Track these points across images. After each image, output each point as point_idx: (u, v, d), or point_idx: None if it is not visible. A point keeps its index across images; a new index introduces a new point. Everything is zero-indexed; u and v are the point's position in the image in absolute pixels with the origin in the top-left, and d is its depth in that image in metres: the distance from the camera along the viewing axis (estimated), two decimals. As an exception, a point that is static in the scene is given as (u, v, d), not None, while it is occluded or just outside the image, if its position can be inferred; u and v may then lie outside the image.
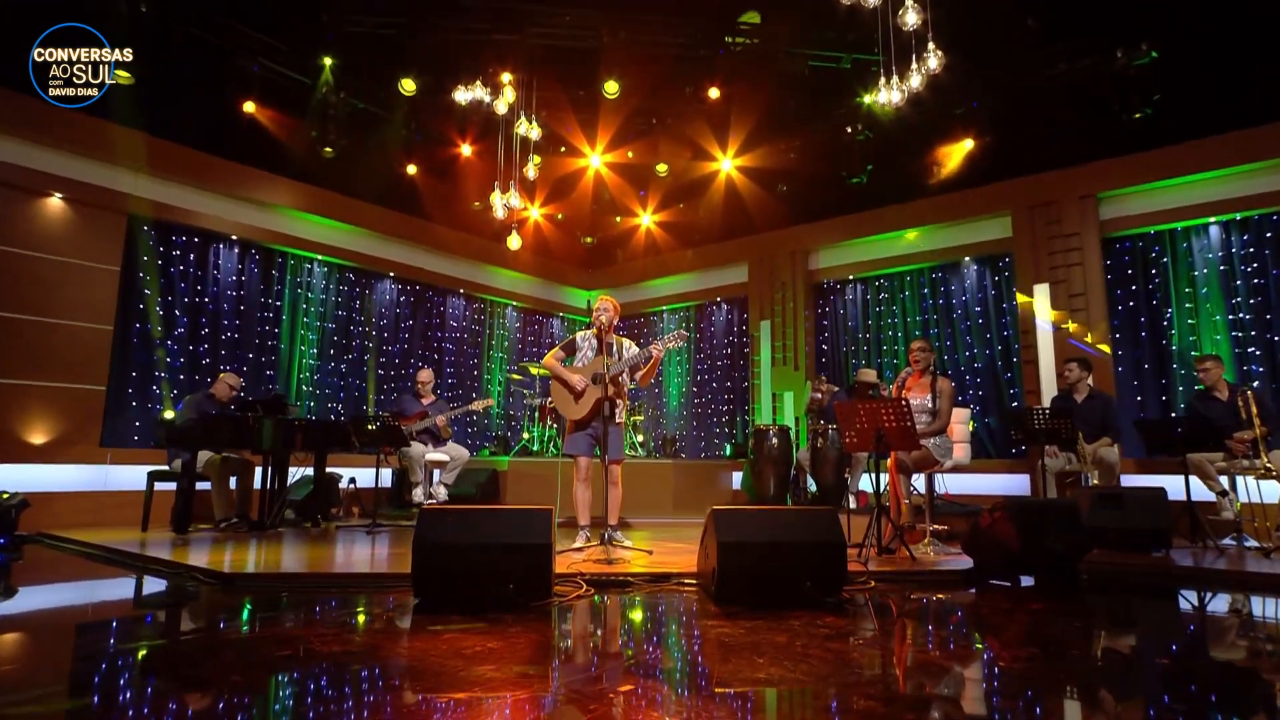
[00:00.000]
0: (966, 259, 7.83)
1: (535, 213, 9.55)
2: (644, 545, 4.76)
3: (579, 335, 4.86)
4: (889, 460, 4.59)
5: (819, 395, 6.99)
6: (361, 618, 2.92)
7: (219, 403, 5.90)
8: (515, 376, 9.36)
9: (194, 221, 6.97)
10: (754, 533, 3.27)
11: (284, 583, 3.59)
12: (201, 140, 6.89)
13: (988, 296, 7.71)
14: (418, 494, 6.48)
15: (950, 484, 6.56)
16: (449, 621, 2.80)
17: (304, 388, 7.82)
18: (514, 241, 6.87)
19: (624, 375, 4.69)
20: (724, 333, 9.73)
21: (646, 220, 9.63)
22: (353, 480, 7.20)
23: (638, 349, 4.76)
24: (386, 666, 2.25)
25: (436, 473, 6.74)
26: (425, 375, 7.04)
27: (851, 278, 8.54)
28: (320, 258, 8.06)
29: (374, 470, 6.14)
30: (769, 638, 2.56)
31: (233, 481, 5.72)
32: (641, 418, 8.70)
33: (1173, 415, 6.31)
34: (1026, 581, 3.74)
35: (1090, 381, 5.89)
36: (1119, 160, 6.78)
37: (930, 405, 4.72)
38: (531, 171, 6.14)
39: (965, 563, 4.00)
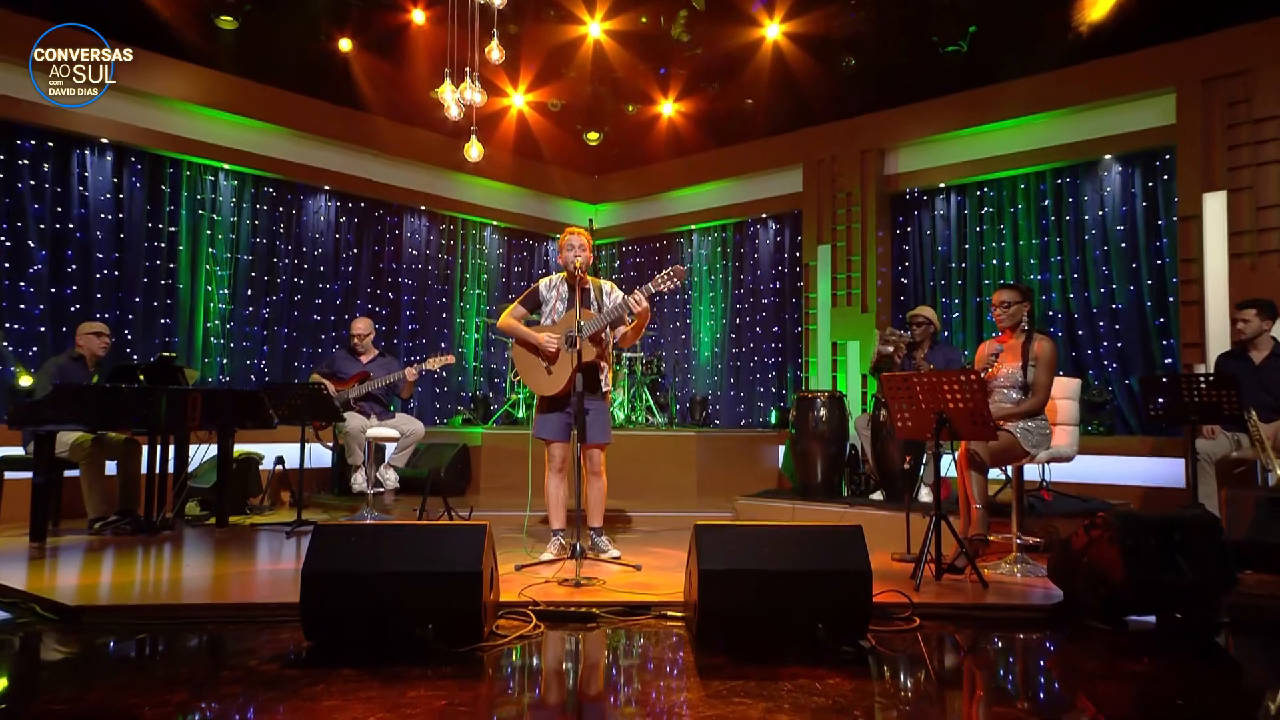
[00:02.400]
0: (1107, 157, 7.50)
1: (519, 100, 9.33)
2: (633, 557, 4.79)
3: (543, 283, 4.88)
4: (958, 450, 4.46)
5: (888, 348, 6.81)
6: (225, 672, 2.94)
7: (88, 364, 5.97)
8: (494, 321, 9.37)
9: (48, 119, 6.86)
10: (747, 556, 3.21)
11: (145, 617, 3.64)
12: (54, 10, 6.78)
13: (1135, 210, 7.37)
14: (359, 480, 6.58)
15: (1065, 471, 6.38)
16: (334, 678, 2.80)
17: (213, 340, 7.91)
18: (473, 151, 6.72)
19: (605, 331, 4.69)
20: (770, 261, 9.64)
21: (668, 109, 9.34)
22: (280, 461, 7.32)
23: (622, 295, 4.70)
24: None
25: (390, 448, 6.82)
26: (362, 325, 7.06)
27: (943, 185, 8.35)
28: (227, 167, 8.05)
29: (302, 450, 6.17)
30: (740, 711, 2.50)
31: (111, 468, 5.83)
32: (653, 374, 8.67)
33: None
34: (1140, 620, 3.61)
35: (1276, 335, 5.57)
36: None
37: (1021, 377, 4.56)
38: (495, 53, 5.92)
39: (1053, 594, 3.89)
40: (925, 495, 5.93)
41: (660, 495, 7.26)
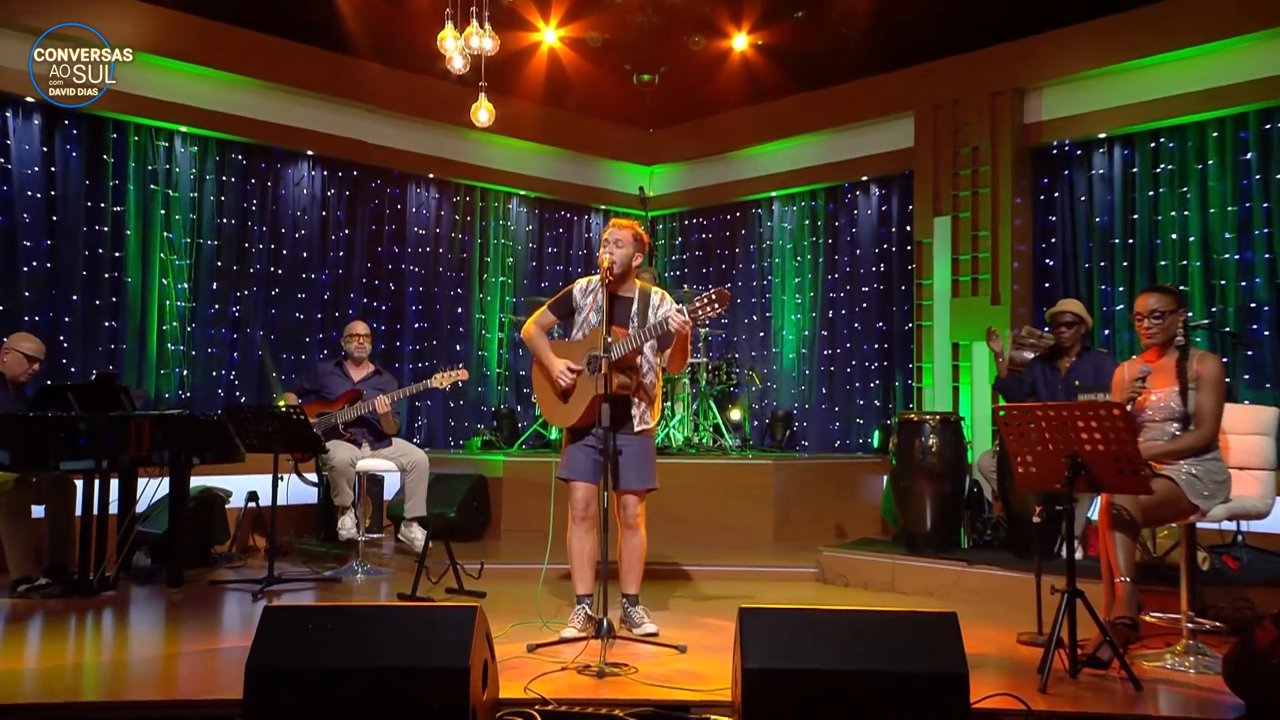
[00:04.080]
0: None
1: (550, 36, 9.35)
2: (679, 631, 4.80)
3: (578, 286, 5.02)
4: (1099, 504, 4.37)
5: (1025, 354, 6.72)
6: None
7: (9, 386, 6.15)
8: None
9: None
10: (805, 651, 3.20)
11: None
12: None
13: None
14: (347, 524, 6.68)
15: (1269, 524, 6.14)
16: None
17: (170, 348, 8.13)
18: (481, 114, 6.77)
19: (646, 352, 4.79)
20: (872, 237, 9.61)
21: (740, 43, 9.27)
22: (253, 497, 7.47)
23: (672, 305, 4.78)
24: None
25: (394, 480, 6.86)
26: (358, 328, 7.17)
27: (1103, 135, 8.20)
28: (185, 129, 8.23)
29: (279, 486, 6.29)
30: None
31: (38, 511, 6.00)
32: (722, 381, 8.68)
33: None
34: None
35: None
36: None
37: (1179, 405, 4.46)
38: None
39: (1232, 705, 3.75)
40: (1076, 552, 5.77)
41: (727, 542, 7.24)
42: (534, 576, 5.53)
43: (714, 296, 4.36)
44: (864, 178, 9.56)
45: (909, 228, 9.10)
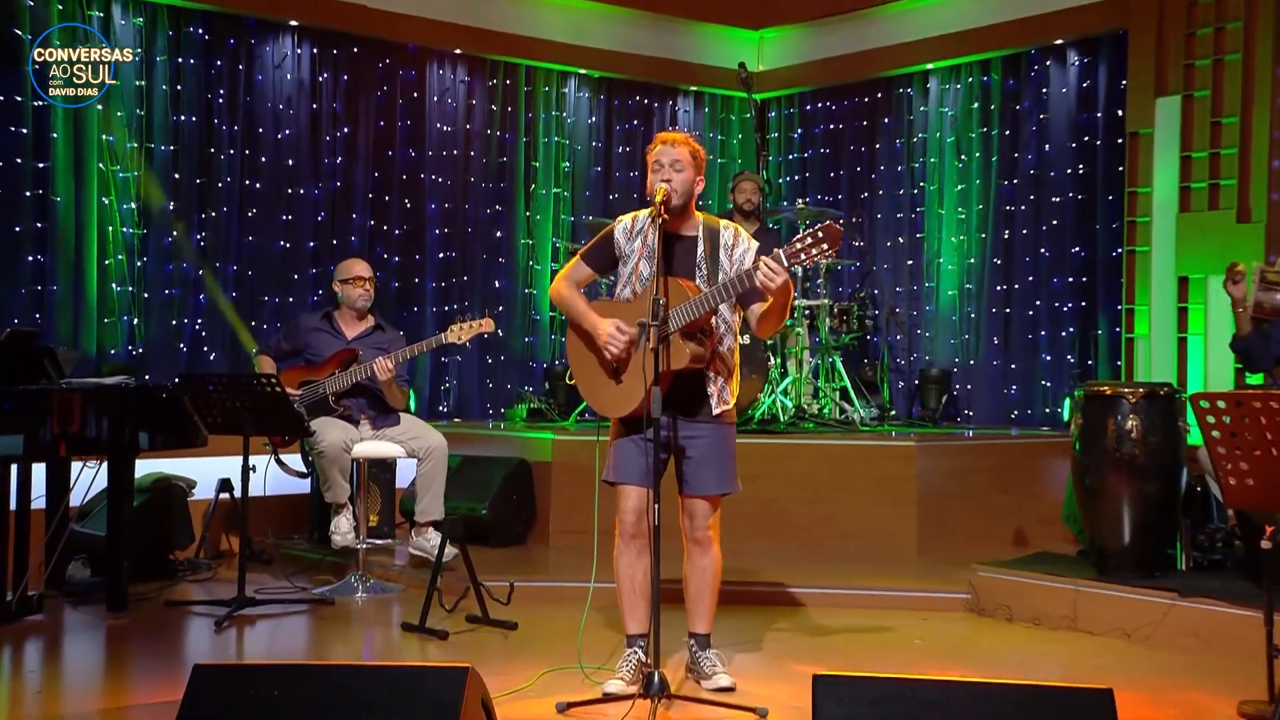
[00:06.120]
0: None
1: None
2: (768, 683, 4.85)
3: (619, 227, 4.94)
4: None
5: (1275, 296, 6.49)
6: None
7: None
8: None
9: None
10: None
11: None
12: None
13: None
14: (341, 527, 6.76)
15: None
16: None
17: (115, 289, 8.28)
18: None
19: (721, 318, 4.75)
20: (1067, 127, 9.51)
21: None
22: (226, 486, 7.62)
23: (750, 245, 4.78)
24: None
25: (410, 465, 6.95)
26: (358, 268, 7.17)
27: None
28: (130, -3, 8.33)
29: (244, 481, 6.36)
30: None
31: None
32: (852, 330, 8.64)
33: None
34: None
35: None
36: None
37: None
38: None
39: None
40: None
41: (850, 554, 7.21)
42: (584, 599, 5.52)
43: (821, 234, 4.27)
44: (1057, 41, 9.41)
45: (1120, 112, 8.97)
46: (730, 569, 5.08)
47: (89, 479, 6.60)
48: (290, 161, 8.98)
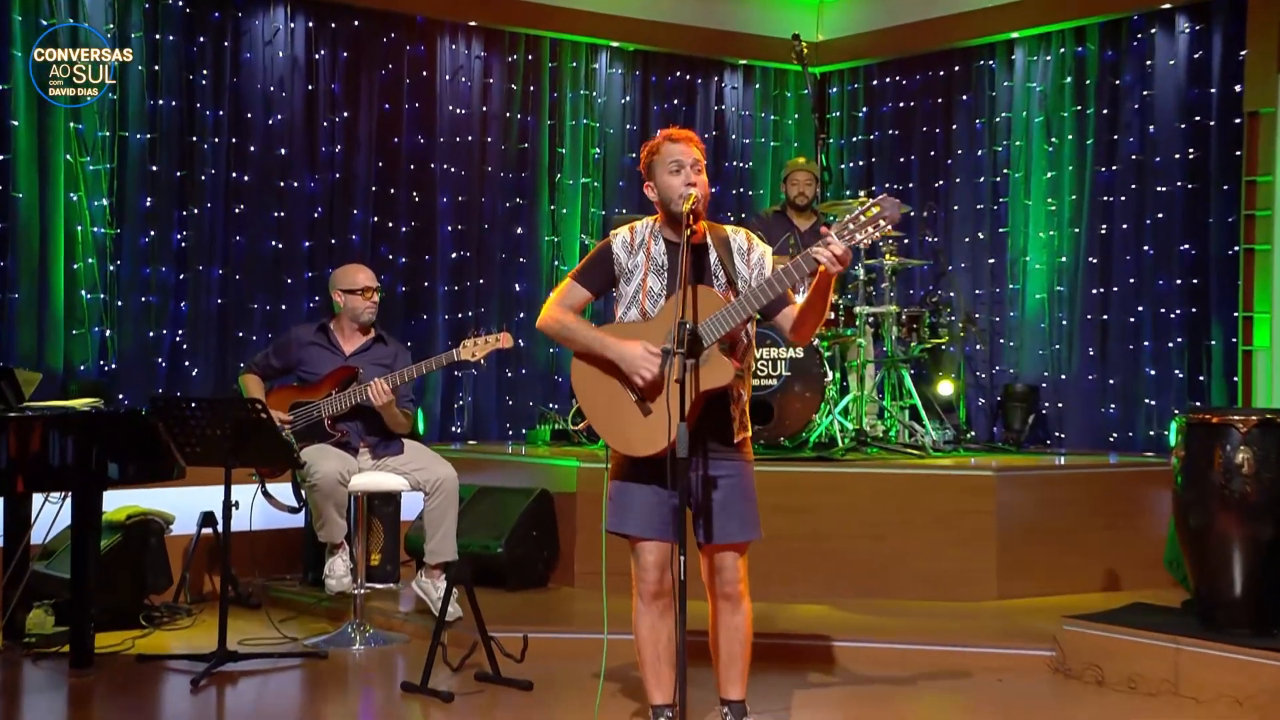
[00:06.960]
0: None
1: None
2: None
3: (618, 240, 4.92)
4: None
5: None
6: None
7: None
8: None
9: None
10: None
11: None
12: None
13: None
14: (335, 572, 6.74)
15: None
16: None
17: (85, 296, 8.30)
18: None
19: (747, 332, 4.73)
20: (1176, 106, 9.50)
21: None
22: (209, 520, 7.63)
23: (765, 249, 4.79)
24: None
25: (417, 495, 6.91)
26: (360, 277, 7.13)
27: None
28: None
29: (226, 516, 6.34)
30: None
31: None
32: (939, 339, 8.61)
33: None
34: None
35: None
36: None
37: None
38: None
39: None
40: None
41: (918, 599, 7.20)
42: (617, 651, 5.49)
43: (877, 209, 4.19)
44: (1164, 5, 9.33)
45: (1237, 88, 8.93)
46: (773, 618, 5.02)
47: (52, 514, 6.60)
48: (283, 151, 9.02)
